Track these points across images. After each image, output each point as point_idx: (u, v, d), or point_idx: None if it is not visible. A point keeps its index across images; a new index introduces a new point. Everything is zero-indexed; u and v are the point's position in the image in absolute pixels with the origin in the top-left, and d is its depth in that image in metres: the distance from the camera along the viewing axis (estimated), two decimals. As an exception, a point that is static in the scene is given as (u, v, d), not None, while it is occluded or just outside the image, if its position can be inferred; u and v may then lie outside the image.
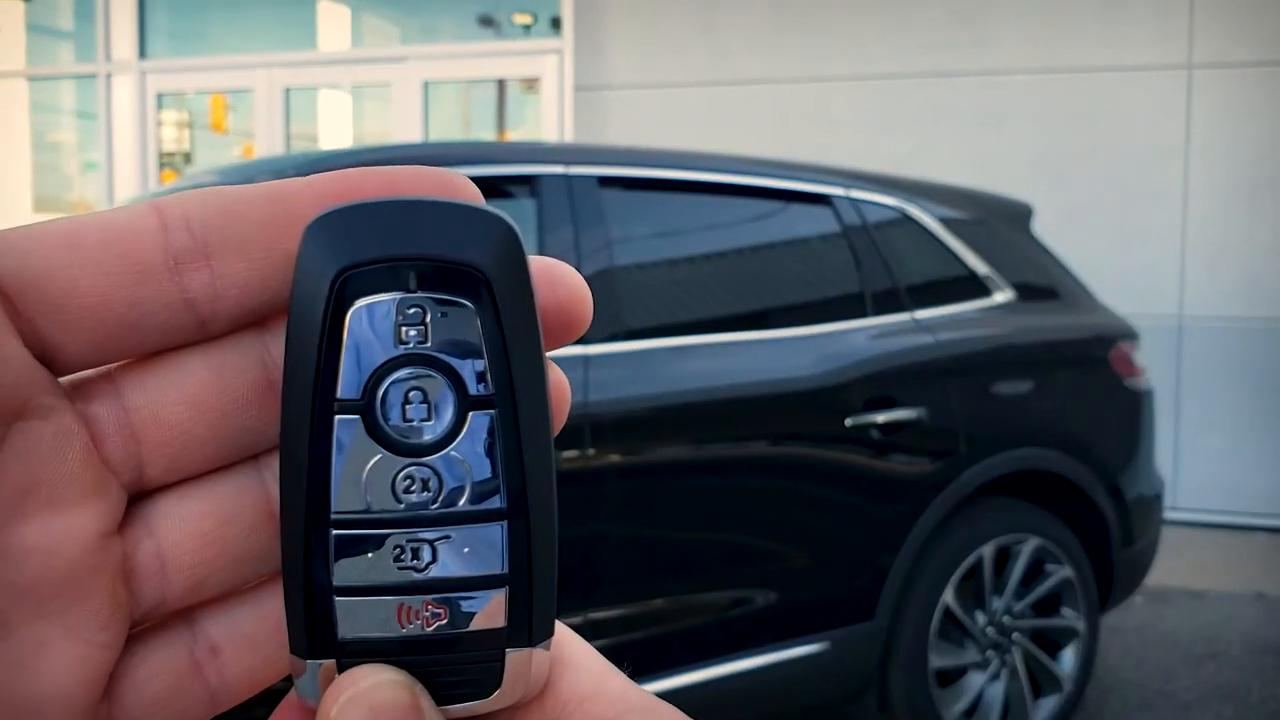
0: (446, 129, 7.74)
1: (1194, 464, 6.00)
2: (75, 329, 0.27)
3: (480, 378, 0.27)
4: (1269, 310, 5.89)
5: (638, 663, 2.77)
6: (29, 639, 0.27)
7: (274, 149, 7.60)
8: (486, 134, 7.90)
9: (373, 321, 0.27)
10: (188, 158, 8.31)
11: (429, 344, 0.27)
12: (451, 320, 0.27)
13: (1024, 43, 6.17)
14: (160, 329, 0.28)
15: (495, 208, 0.28)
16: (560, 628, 0.29)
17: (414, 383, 0.27)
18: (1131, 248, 6.00)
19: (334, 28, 8.14)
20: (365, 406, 0.27)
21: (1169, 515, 5.20)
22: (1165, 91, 5.96)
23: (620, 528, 2.77)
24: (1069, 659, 3.53)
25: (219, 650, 0.30)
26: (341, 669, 0.27)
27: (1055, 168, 6.09)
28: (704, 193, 3.20)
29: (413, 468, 0.27)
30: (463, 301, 0.27)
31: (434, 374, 0.27)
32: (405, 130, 7.35)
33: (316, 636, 0.27)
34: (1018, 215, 3.89)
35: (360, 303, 0.27)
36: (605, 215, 2.93)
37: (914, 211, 3.51)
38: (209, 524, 0.29)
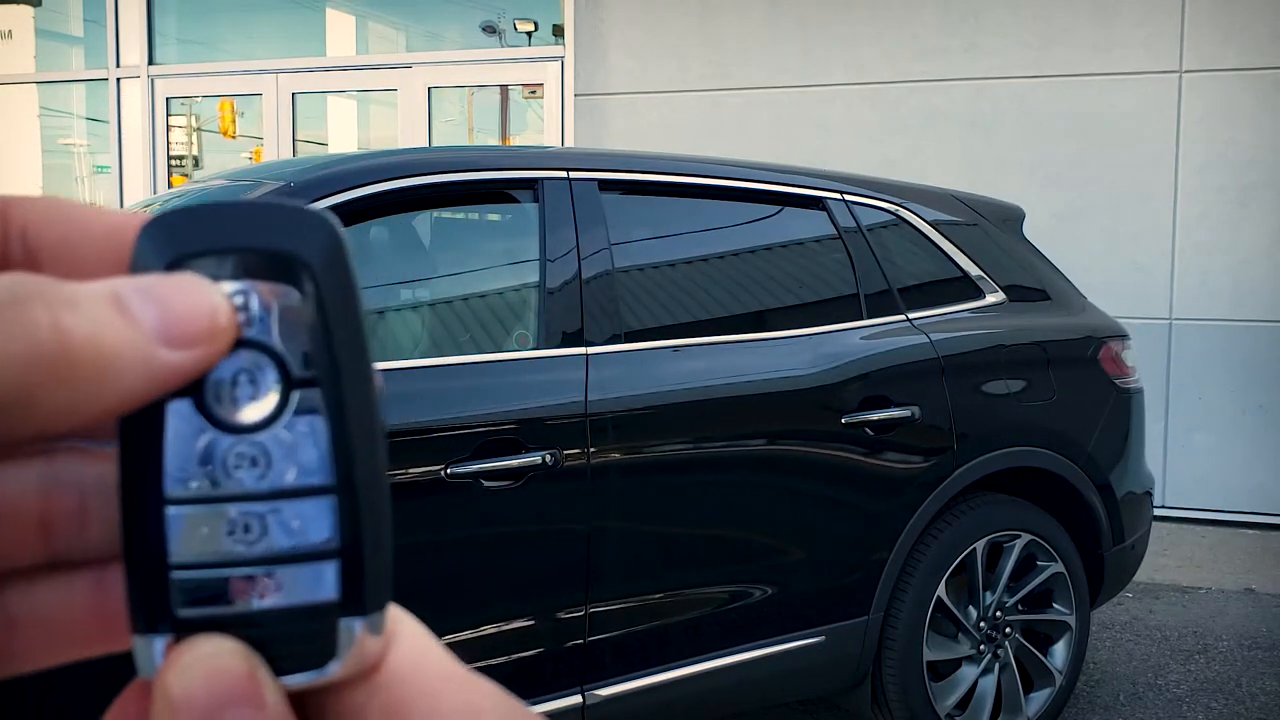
0: (451, 134, 7.77)
1: (1184, 461, 5.98)
2: None
3: (305, 360, 0.28)
4: (1256, 312, 5.89)
5: (638, 655, 2.79)
6: None
7: (282, 153, 7.66)
8: (490, 139, 7.94)
9: None
10: (197, 161, 8.36)
11: (255, 329, 0.28)
12: (277, 307, 0.28)
13: (1015, 49, 6.16)
14: None
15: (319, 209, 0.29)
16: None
17: (241, 365, 0.28)
18: (1122, 250, 6.00)
19: (341, 35, 8.16)
20: (195, 389, 0.28)
21: (1159, 512, 5.23)
22: (1156, 96, 5.95)
23: (620, 523, 2.77)
24: (1060, 653, 3.54)
25: (14, 624, 0.30)
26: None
27: (1046, 172, 6.08)
28: (701, 196, 3.21)
29: (242, 445, 0.28)
30: (287, 288, 0.28)
31: (260, 356, 0.28)
32: (411, 135, 7.36)
33: (155, 613, 0.28)
34: (1009, 218, 3.91)
35: None
36: (605, 218, 2.94)
37: (907, 215, 3.53)
38: None
